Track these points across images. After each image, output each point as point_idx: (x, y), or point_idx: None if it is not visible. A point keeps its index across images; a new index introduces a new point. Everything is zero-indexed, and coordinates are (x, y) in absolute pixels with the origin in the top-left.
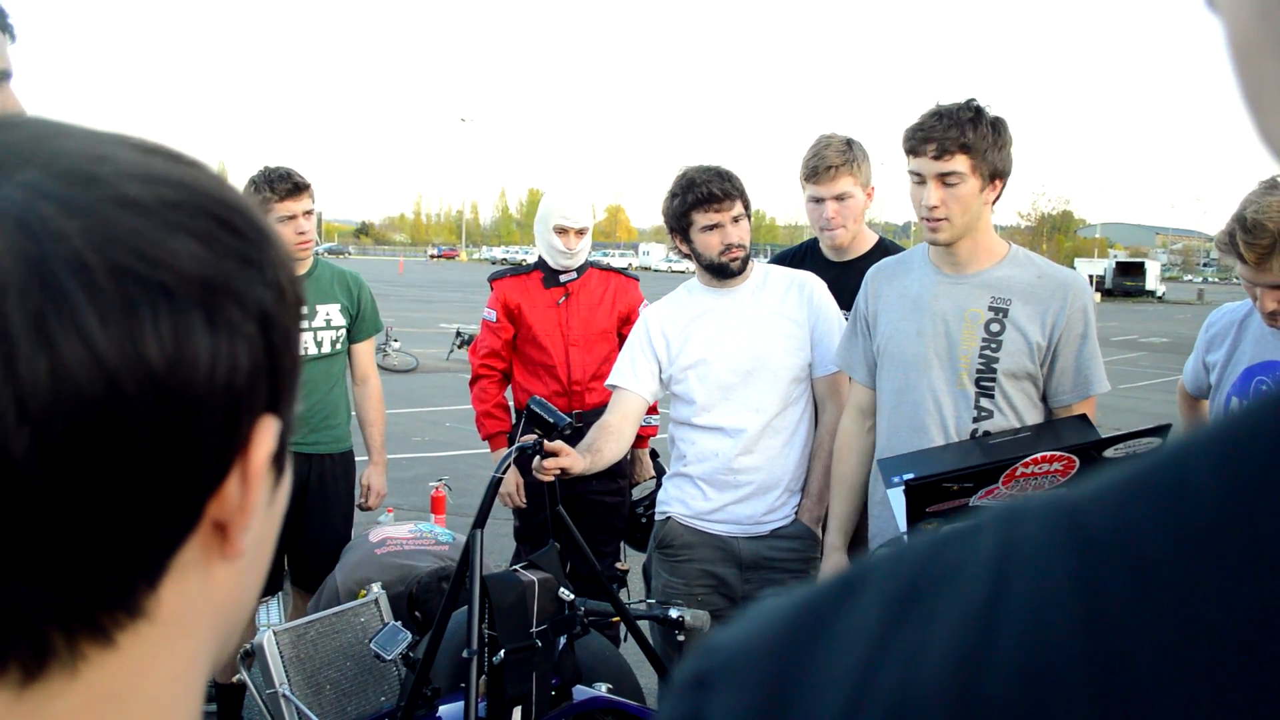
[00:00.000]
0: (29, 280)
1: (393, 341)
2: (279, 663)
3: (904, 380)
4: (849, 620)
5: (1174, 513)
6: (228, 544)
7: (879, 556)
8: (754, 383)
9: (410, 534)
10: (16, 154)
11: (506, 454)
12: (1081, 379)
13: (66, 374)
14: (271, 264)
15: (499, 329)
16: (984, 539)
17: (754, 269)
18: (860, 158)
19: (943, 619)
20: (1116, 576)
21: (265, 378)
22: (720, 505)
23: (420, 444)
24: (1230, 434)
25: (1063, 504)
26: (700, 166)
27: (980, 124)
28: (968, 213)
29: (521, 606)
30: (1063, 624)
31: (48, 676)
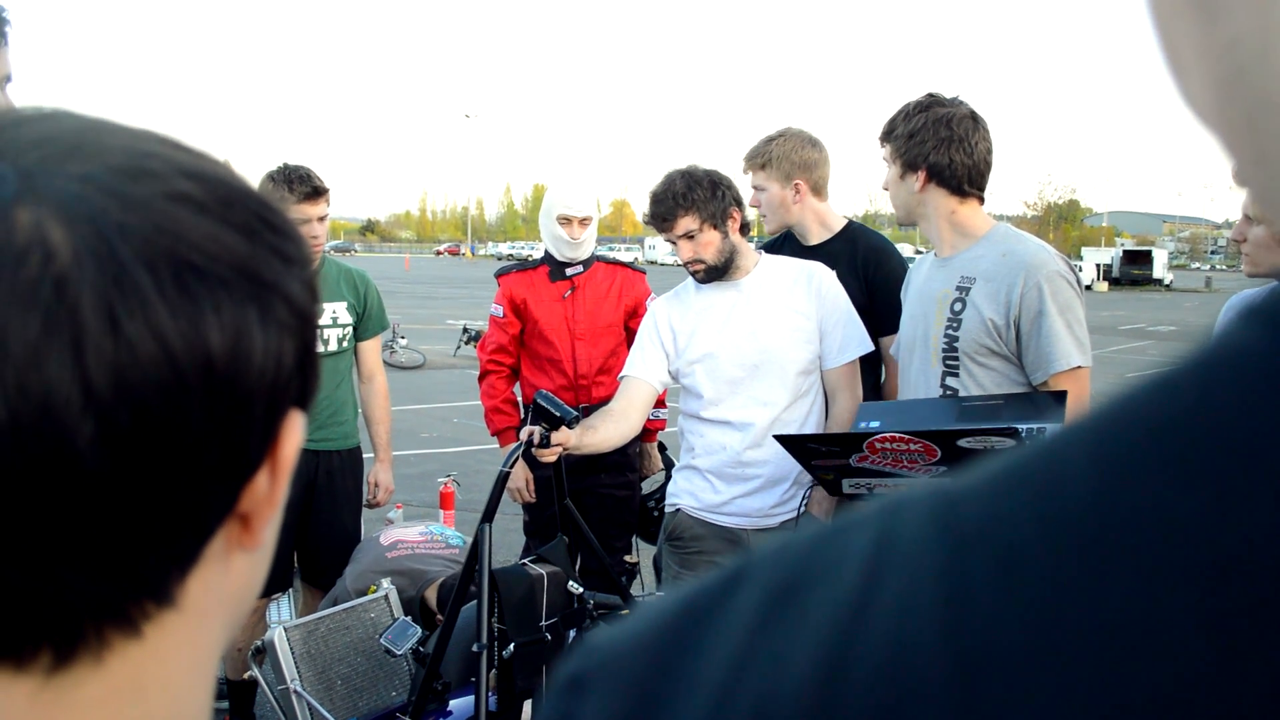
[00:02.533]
0: (98, 270)
1: (399, 338)
2: (290, 659)
3: (903, 360)
4: (725, 619)
5: (1044, 504)
6: (249, 534)
7: (764, 550)
8: (761, 376)
9: (421, 536)
10: (60, 146)
11: (514, 448)
12: (1044, 355)
13: (135, 363)
14: (304, 261)
15: (506, 324)
16: (863, 531)
17: (760, 261)
18: (777, 156)
19: (812, 619)
20: (981, 571)
21: (299, 372)
22: (729, 498)
23: (428, 440)
24: (1104, 423)
25: (942, 494)
26: (664, 178)
27: (898, 117)
28: (894, 197)
29: (531, 600)
30: (925, 624)
31: (75, 665)
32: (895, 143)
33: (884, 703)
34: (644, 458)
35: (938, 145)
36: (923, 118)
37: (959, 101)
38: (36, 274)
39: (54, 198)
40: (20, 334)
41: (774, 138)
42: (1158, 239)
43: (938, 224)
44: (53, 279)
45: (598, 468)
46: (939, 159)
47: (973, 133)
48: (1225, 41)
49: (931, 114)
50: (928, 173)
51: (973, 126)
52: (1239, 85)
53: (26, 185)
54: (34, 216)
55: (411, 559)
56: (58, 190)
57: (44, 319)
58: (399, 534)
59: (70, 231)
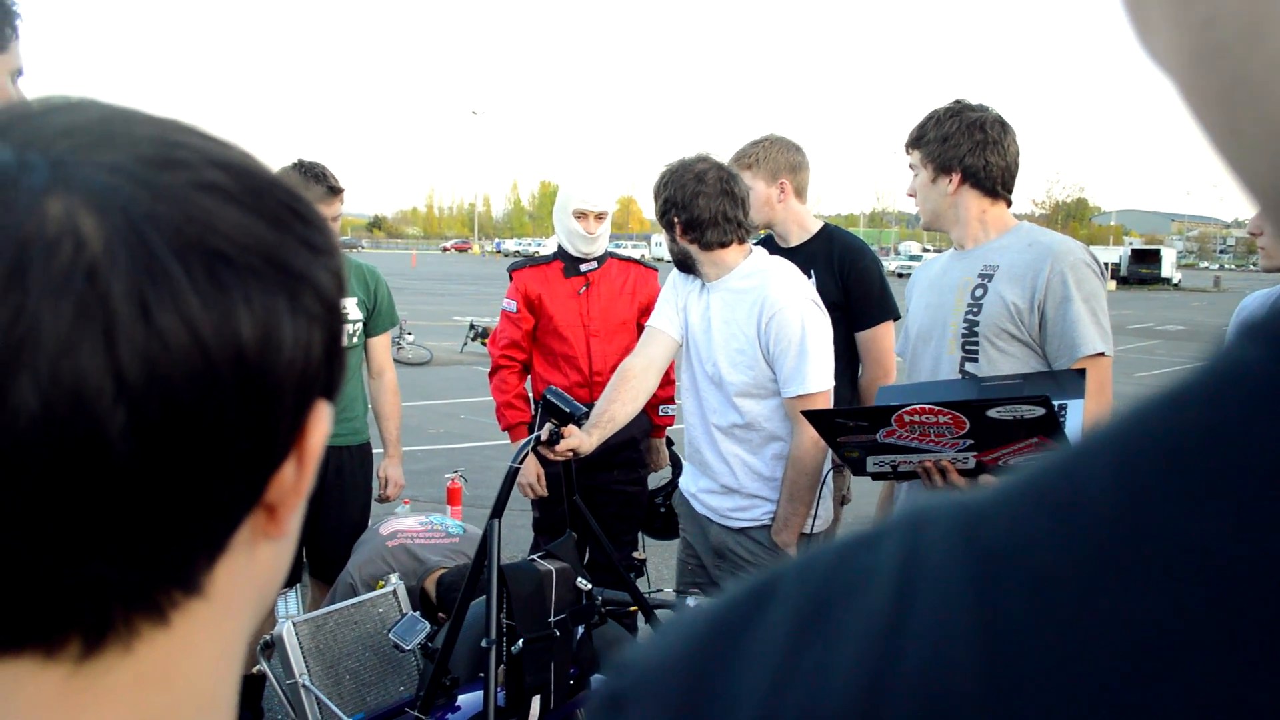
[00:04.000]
0: (130, 260)
1: (406, 335)
2: (299, 653)
3: (914, 350)
4: (758, 635)
5: (1068, 524)
6: (275, 524)
7: (789, 566)
8: (712, 387)
9: (421, 526)
10: (89, 135)
11: (523, 444)
12: (1068, 341)
13: (166, 353)
14: (330, 251)
15: (519, 319)
16: (889, 548)
17: (740, 266)
18: (763, 155)
19: (848, 636)
20: (1012, 592)
21: (326, 363)
22: (698, 489)
23: (435, 436)
24: (1123, 440)
25: (964, 511)
26: None
27: (929, 123)
28: (926, 201)
29: (540, 596)
30: (961, 644)
31: (104, 653)
32: (927, 148)
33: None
34: (652, 453)
35: (973, 148)
36: (955, 122)
37: (987, 107)
38: (68, 263)
39: (84, 187)
40: (52, 324)
41: (760, 141)
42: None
43: (966, 224)
44: (84, 268)
45: (608, 464)
46: (974, 161)
47: (1004, 136)
48: (1204, 16)
49: (963, 118)
50: (962, 175)
51: (1003, 130)
52: (1217, 60)
53: (57, 175)
54: (65, 206)
55: (411, 549)
56: (88, 180)
57: (76, 308)
58: (399, 524)
59: (101, 221)
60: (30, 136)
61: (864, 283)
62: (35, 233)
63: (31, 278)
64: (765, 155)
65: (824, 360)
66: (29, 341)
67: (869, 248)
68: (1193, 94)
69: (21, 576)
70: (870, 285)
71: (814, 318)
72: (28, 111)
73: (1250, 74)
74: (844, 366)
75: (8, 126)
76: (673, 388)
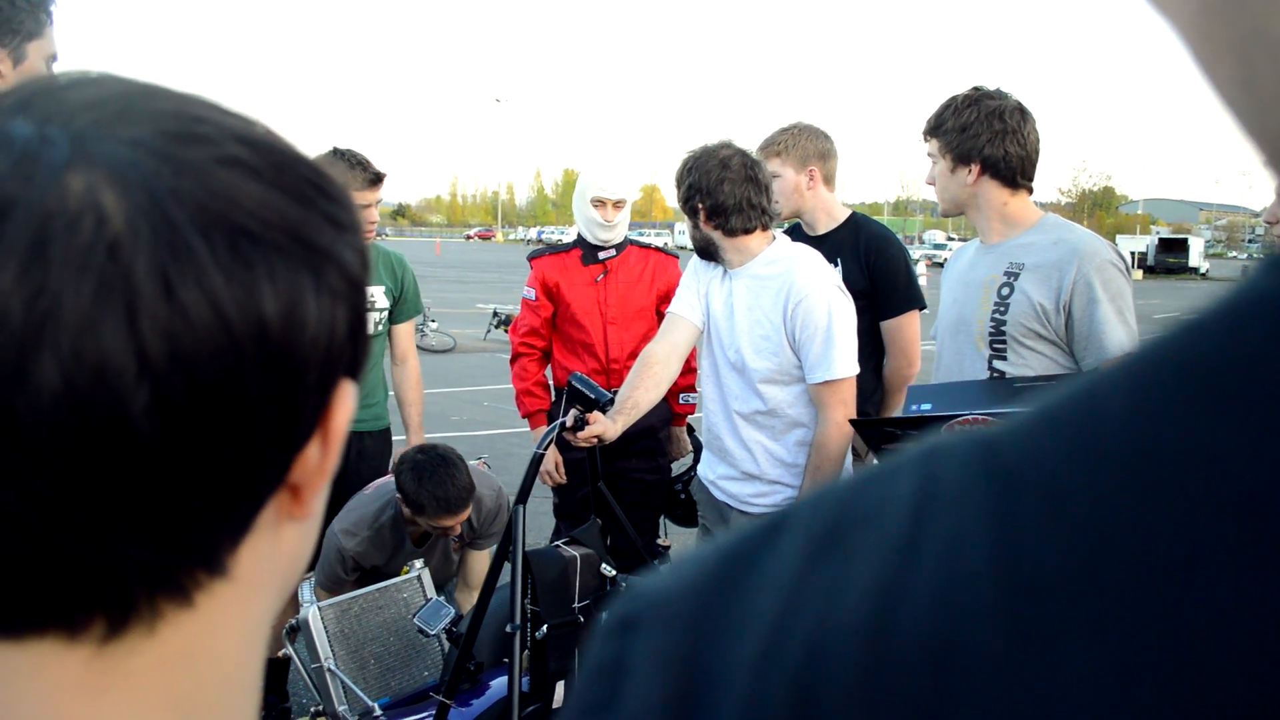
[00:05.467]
0: (152, 235)
1: (430, 322)
2: (324, 638)
3: (941, 345)
4: (771, 561)
5: (1085, 441)
6: (299, 505)
7: (803, 500)
8: (734, 374)
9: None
10: (110, 109)
11: (548, 430)
12: (1097, 343)
13: (189, 330)
14: (355, 227)
15: (538, 307)
16: (906, 476)
17: (764, 253)
18: (792, 143)
19: (862, 557)
20: (1028, 506)
21: (350, 341)
22: (717, 476)
23: (459, 423)
24: (1139, 364)
25: (982, 439)
26: None
27: (947, 110)
28: (945, 189)
29: (564, 582)
30: (976, 555)
31: (128, 634)
32: (945, 137)
33: (939, 629)
34: (673, 441)
35: (992, 138)
36: (973, 111)
37: (1005, 94)
38: (90, 239)
39: (106, 162)
40: (74, 300)
41: (788, 128)
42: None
43: (988, 215)
44: (106, 244)
45: (629, 452)
46: (994, 152)
47: (1024, 124)
48: None
49: (982, 107)
50: (982, 165)
51: (1023, 118)
52: (1232, 11)
53: (78, 149)
54: (86, 181)
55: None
56: (109, 154)
57: (98, 285)
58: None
59: (123, 196)
60: (50, 111)
61: (890, 272)
62: (56, 208)
63: (53, 254)
64: (794, 142)
65: (849, 346)
66: (51, 318)
67: (896, 236)
68: (1201, 44)
69: (44, 556)
70: (896, 274)
71: (840, 304)
72: (47, 86)
73: (1270, 27)
74: (868, 355)
75: (28, 101)
76: (693, 375)
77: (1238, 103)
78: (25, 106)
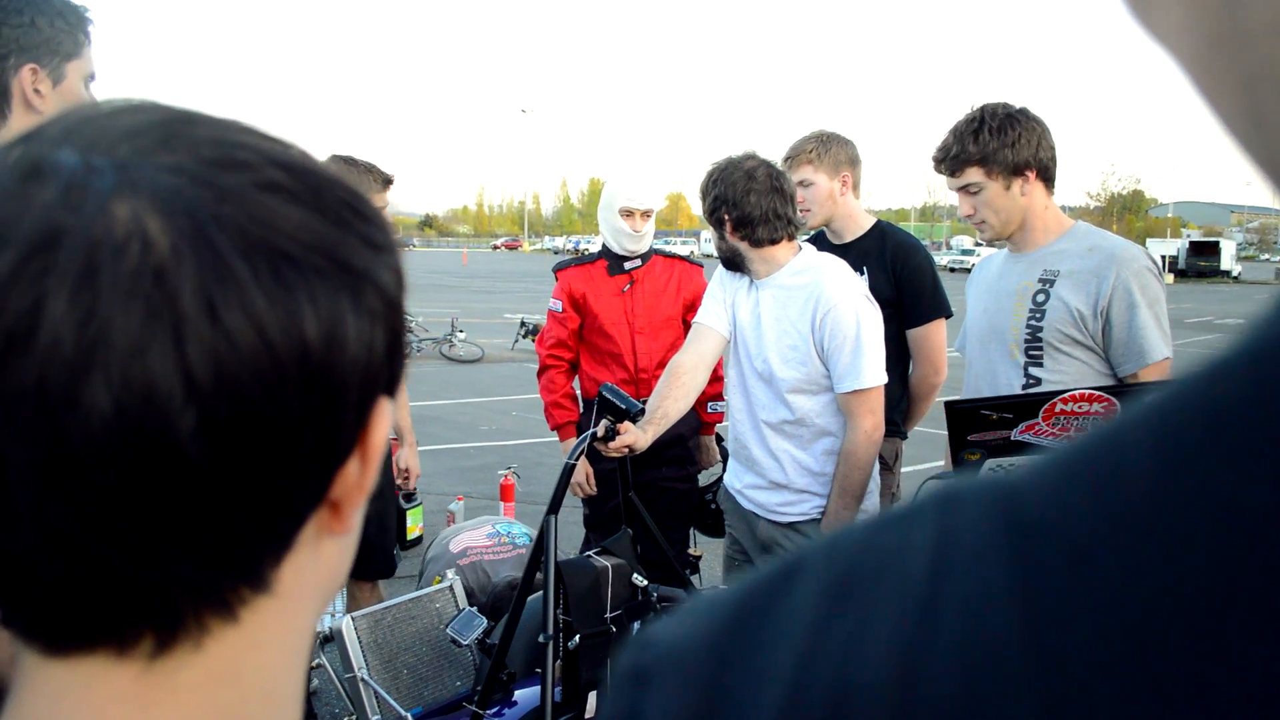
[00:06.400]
0: (197, 261)
1: (458, 332)
2: (358, 647)
3: (972, 354)
4: (785, 611)
5: (1110, 494)
6: (339, 520)
7: (816, 545)
8: (761, 384)
9: (489, 539)
10: (151, 137)
11: (580, 440)
12: (1136, 348)
13: (234, 353)
14: (391, 249)
15: (565, 319)
16: (921, 524)
17: (791, 263)
18: (824, 149)
19: (881, 610)
20: (1053, 564)
21: (388, 360)
22: (744, 485)
23: (488, 433)
24: (1164, 412)
25: (1000, 487)
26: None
27: (982, 133)
28: (1000, 211)
29: (596, 592)
30: (1001, 616)
31: (175, 650)
32: (993, 158)
33: (965, 695)
34: (702, 450)
35: (1038, 142)
36: (1010, 123)
37: (1008, 103)
38: (137, 265)
39: (150, 189)
40: (124, 326)
41: (817, 135)
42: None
43: (1032, 224)
44: (152, 270)
45: (659, 462)
46: (1044, 154)
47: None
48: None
49: (1015, 118)
50: (1037, 172)
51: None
52: (1240, 48)
53: (123, 178)
54: (132, 209)
55: (482, 565)
56: (153, 182)
57: (145, 310)
58: (468, 539)
59: (168, 223)
60: (94, 139)
61: (916, 280)
62: (104, 236)
63: (102, 281)
64: (826, 149)
65: (878, 355)
66: (101, 344)
67: (921, 244)
68: (1206, 77)
69: (95, 575)
70: (922, 282)
71: (868, 313)
72: (89, 114)
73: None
74: (895, 363)
75: (71, 130)
76: (721, 384)
77: (1246, 135)
78: (69, 135)
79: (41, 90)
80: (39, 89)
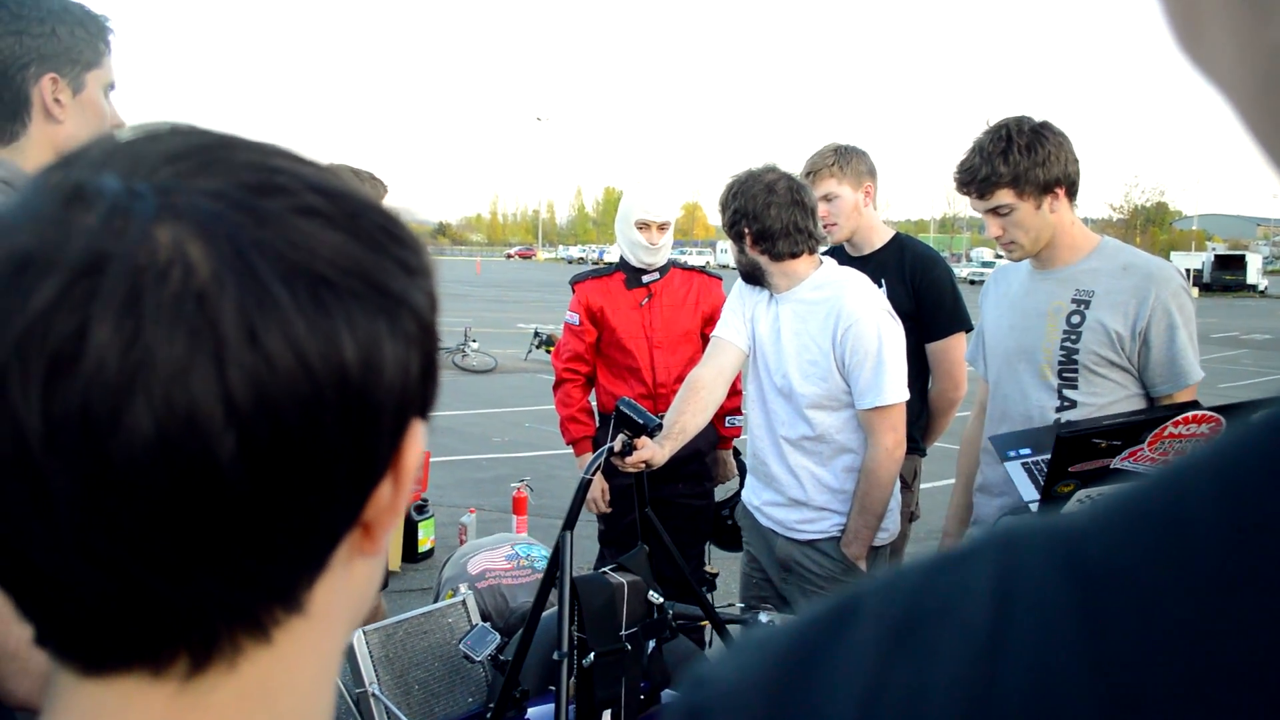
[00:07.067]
0: (238, 285)
1: (471, 342)
2: (369, 662)
3: (997, 374)
4: (844, 652)
5: (1175, 540)
6: (371, 541)
7: (873, 583)
8: (781, 399)
9: (508, 562)
10: (191, 162)
11: (596, 454)
12: (1176, 369)
13: (274, 377)
14: (425, 271)
15: (582, 332)
16: (981, 566)
17: (811, 277)
18: (845, 161)
19: (944, 653)
20: (1120, 611)
21: (422, 383)
22: (762, 502)
23: (500, 444)
24: (1228, 458)
25: (1061, 531)
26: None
27: (1011, 153)
28: (1031, 230)
29: (611, 609)
30: (1069, 664)
31: (210, 670)
32: (1026, 177)
33: None
34: (719, 464)
35: (1066, 157)
36: (1037, 140)
37: (1028, 116)
38: (179, 290)
39: (191, 214)
40: (167, 350)
41: (834, 147)
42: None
43: (1059, 239)
44: (194, 295)
45: (675, 477)
46: (1073, 169)
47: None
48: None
49: (1039, 134)
50: (1066, 188)
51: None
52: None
53: (164, 203)
54: (173, 234)
55: (500, 589)
56: (194, 207)
57: (188, 334)
58: (486, 561)
59: (209, 247)
60: (134, 164)
61: (935, 293)
62: (147, 261)
63: (145, 306)
64: (847, 161)
65: (900, 371)
66: (144, 368)
67: (941, 257)
68: (1259, 116)
69: (134, 596)
70: (942, 295)
71: (890, 328)
72: (128, 139)
73: None
74: (914, 378)
75: (111, 154)
76: (739, 398)
77: None
78: (110, 159)
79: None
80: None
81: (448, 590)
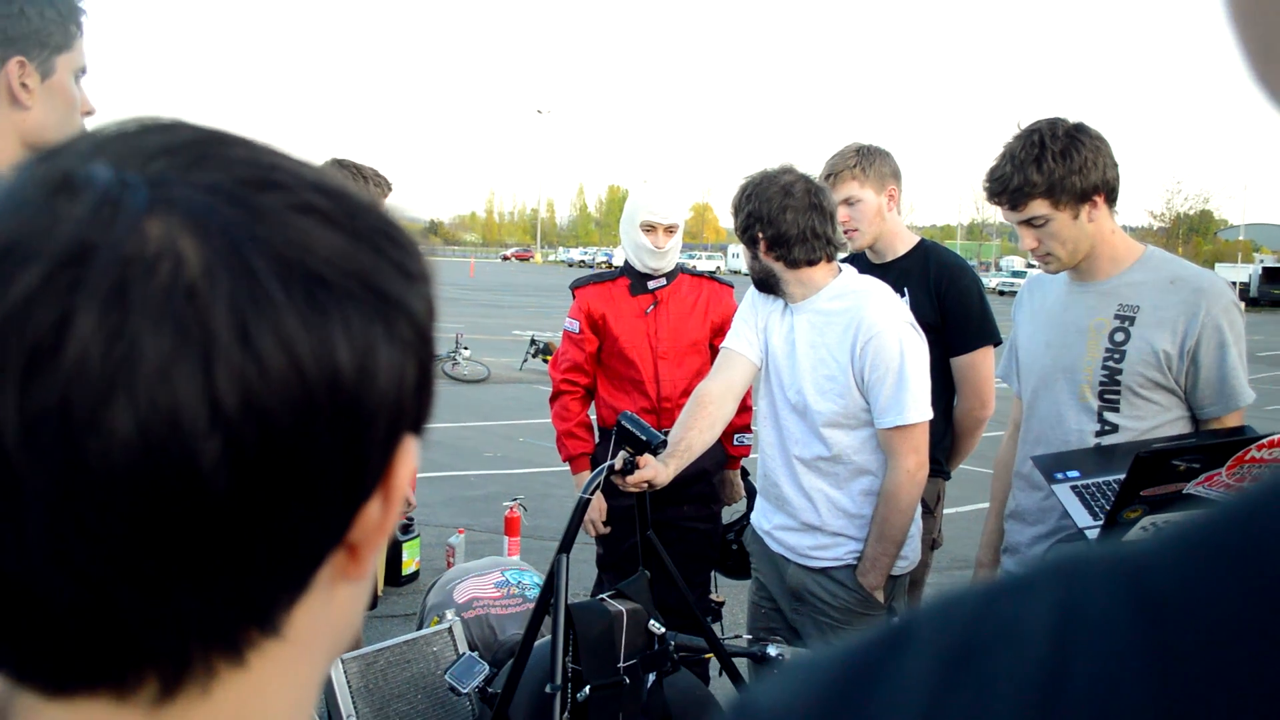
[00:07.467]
0: (231, 282)
1: (462, 349)
2: (346, 692)
3: (1033, 392)
4: (897, 680)
5: (1246, 573)
6: (355, 564)
7: (926, 611)
8: (795, 417)
9: (497, 589)
10: (186, 156)
11: (596, 472)
12: (1227, 391)
13: (264, 379)
14: (424, 277)
15: (582, 341)
16: (1040, 595)
17: (829, 286)
18: (868, 163)
19: (1002, 685)
20: (1189, 644)
21: (417, 394)
22: (774, 525)
23: (491, 460)
24: None
25: (1124, 561)
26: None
27: (1045, 160)
28: (1068, 242)
29: (608, 639)
30: (1134, 697)
31: (180, 695)
32: (1060, 186)
33: None
34: (726, 485)
35: (1104, 164)
36: (1074, 146)
37: (1062, 118)
38: (167, 284)
39: (184, 207)
40: (153, 345)
41: (856, 148)
42: None
43: (1099, 250)
44: (184, 289)
45: (680, 498)
46: (1111, 175)
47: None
48: None
49: (1076, 139)
50: (1105, 195)
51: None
52: None
53: (157, 194)
54: (165, 226)
55: (489, 620)
56: (187, 200)
57: (176, 330)
58: (473, 588)
59: (202, 242)
60: (126, 155)
61: (962, 303)
62: (135, 253)
63: (132, 299)
64: (870, 162)
65: (923, 388)
66: (127, 364)
67: (969, 265)
68: None
69: (103, 608)
70: (969, 307)
71: (912, 342)
72: (121, 130)
73: None
74: (939, 395)
75: (102, 145)
76: (749, 415)
77: None
78: (100, 150)
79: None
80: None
81: (432, 618)
